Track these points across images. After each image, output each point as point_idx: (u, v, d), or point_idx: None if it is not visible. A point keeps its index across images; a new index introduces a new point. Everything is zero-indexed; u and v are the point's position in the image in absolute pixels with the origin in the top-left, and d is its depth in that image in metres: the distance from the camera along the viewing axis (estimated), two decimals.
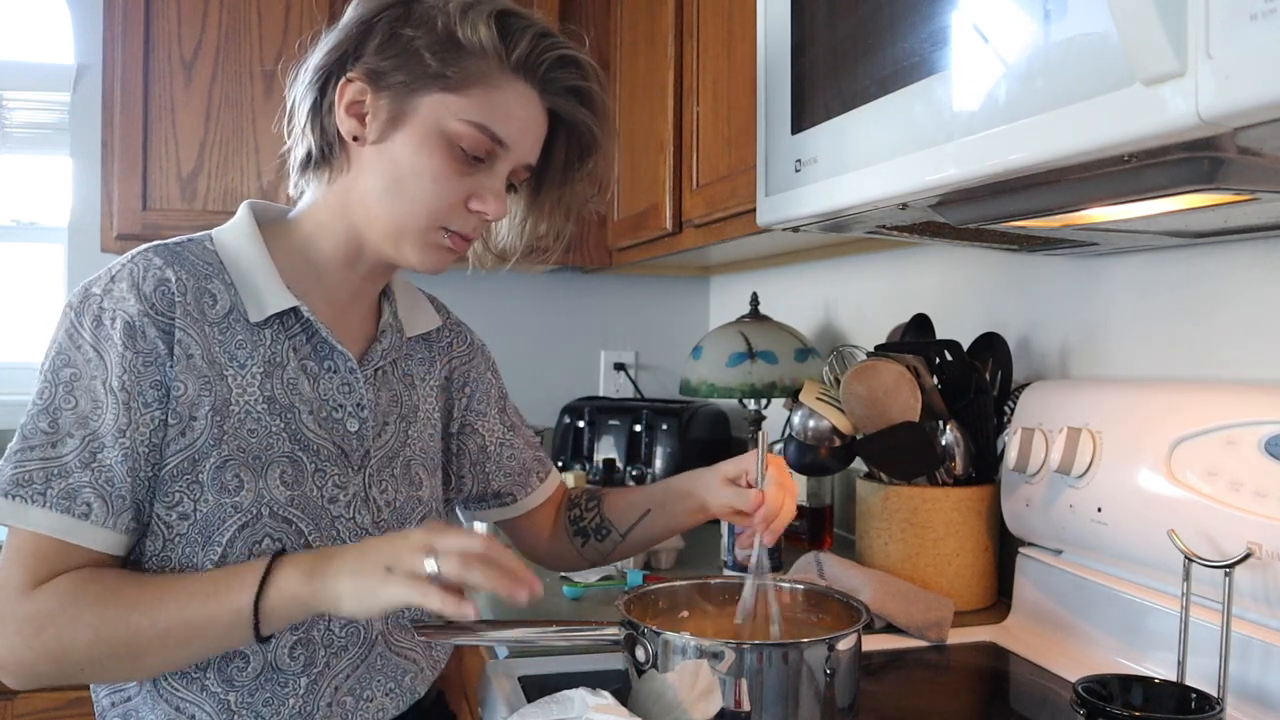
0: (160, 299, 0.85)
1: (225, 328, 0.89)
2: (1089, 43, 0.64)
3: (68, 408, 0.83)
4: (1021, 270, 1.40)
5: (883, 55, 0.88)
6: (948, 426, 1.28)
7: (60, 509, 0.81)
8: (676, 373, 2.55)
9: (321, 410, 0.93)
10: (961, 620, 1.23)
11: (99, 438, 0.82)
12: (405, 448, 1.00)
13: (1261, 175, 0.69)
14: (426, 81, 0.88)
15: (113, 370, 0.83)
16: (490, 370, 1.16)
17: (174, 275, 0.87)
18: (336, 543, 0.91)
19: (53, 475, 0.81)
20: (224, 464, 0.86)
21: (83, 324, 0.85)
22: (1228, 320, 1.07)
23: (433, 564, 0.77)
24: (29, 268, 2.52)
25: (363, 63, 0.89)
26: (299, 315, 0.92)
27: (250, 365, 0.89)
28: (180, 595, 0.81)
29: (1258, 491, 0.90)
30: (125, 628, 0.79)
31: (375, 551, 0.80)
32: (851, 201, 0.93)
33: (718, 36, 1.50)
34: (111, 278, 0.87)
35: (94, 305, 0.85)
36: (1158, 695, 0.83)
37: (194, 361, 0.86)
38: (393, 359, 1.01)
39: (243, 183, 2.06)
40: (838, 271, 1.93)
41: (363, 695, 0.94)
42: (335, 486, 0.92)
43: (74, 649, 0.80)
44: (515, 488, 1.15)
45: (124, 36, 1.98)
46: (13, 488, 0.81)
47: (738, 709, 0.83)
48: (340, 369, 0.94)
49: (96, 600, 0.80)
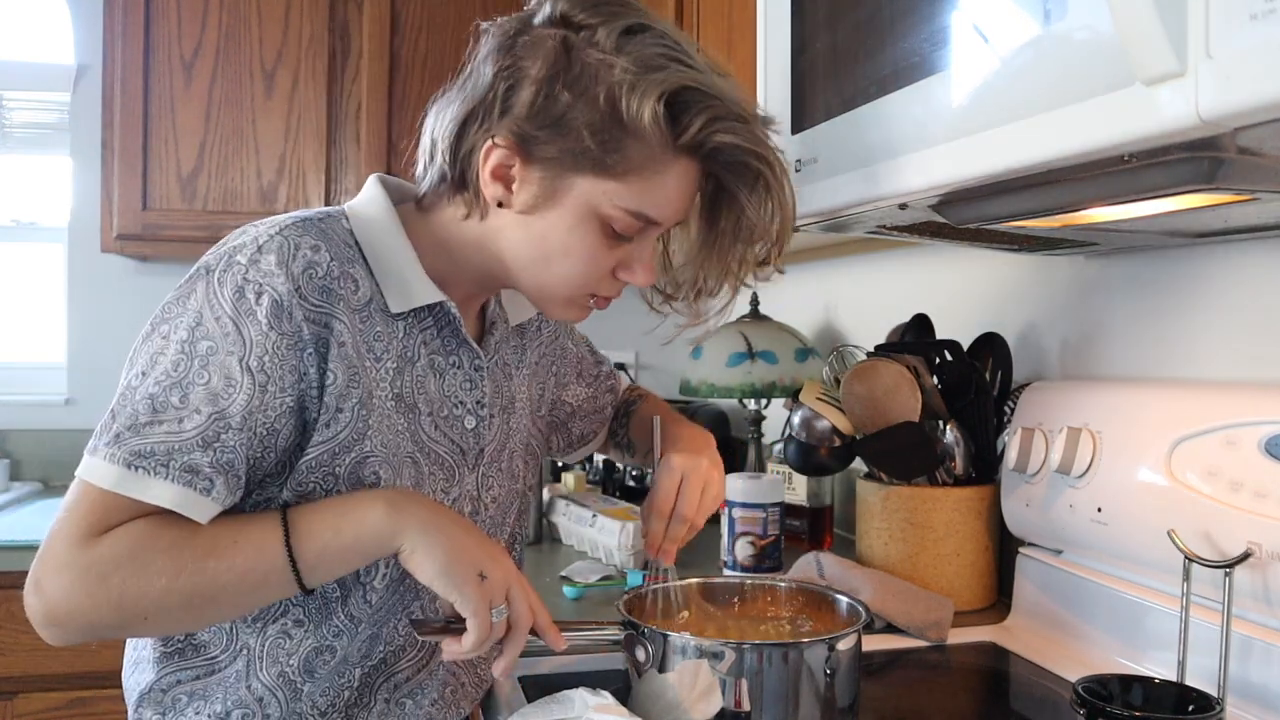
0: (308, 282, 0.80)
1: (366, 316, 0.84)
2: (1089, 43, 0.64)
3: (200, 382, 0.78)
4: (1021, 270, 1.40)
5: (883, 55, 0.88)
6: (948, 426, 1.28)
7: (184, 482, 0.77)
8: (676, 373, 2.54)
9: (443, 409, 0.90)
10: (961, 620, 1.23)
11: (227, 418, 0.78)
12: (509, 440, 0.99)
13: (1261, 175, 0.69)
14: (584, 162, 0.80)
15: (252, 349, 0.78)
16: (569, 339, 1.15)
17: (325, 257, 0.81)
18: None
19: (175, 450, 0.77)
20: (364, 460, 0.83)
21: (222, 293, 0.79)
22: (1228, 320, 1.07)
23: (500, 614, 0.81)
24: (29, 268, 2.52)
25: (509, 123, 0.81)
26: (433, 310, 0.89)
27: (385, 359, 0.85)
28: (255, 536, 0.79)
29: (1258, 491, 0.90)
30: (200, 574, 0.76)
31: (477, 547, 0.82)
32: (851, 201, 0.93)
33: (718, 36, 1.50)
34: (259, 248, 0.80)
35: (237, 275, 0.79)
36: (1158, 695, 0.83)
37: (345, 350, 0.81)
38: (500, 351, 0.99)
39: (243, 183, 2.07)
40: (838, 271, 1.93)
41: (420, 702, 0.94)
42: (442, 492, 0.91)
43: (145, 596, 0.76)
44: (596, 427, 1.21)
45: (124, 36, 1.98)
46: (135, 459, 0.76)
47: (738, 709, 0.83)
48: (465, 365, 0.92)
49: (170, 546, 0.76)
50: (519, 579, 0.84)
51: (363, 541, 0.80)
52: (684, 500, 0.99)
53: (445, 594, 0.80)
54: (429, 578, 0.79)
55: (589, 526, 1.62)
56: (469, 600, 0.79)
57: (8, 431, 2.38)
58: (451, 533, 0.81)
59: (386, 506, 0.80)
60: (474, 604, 0.79)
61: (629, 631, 0.89)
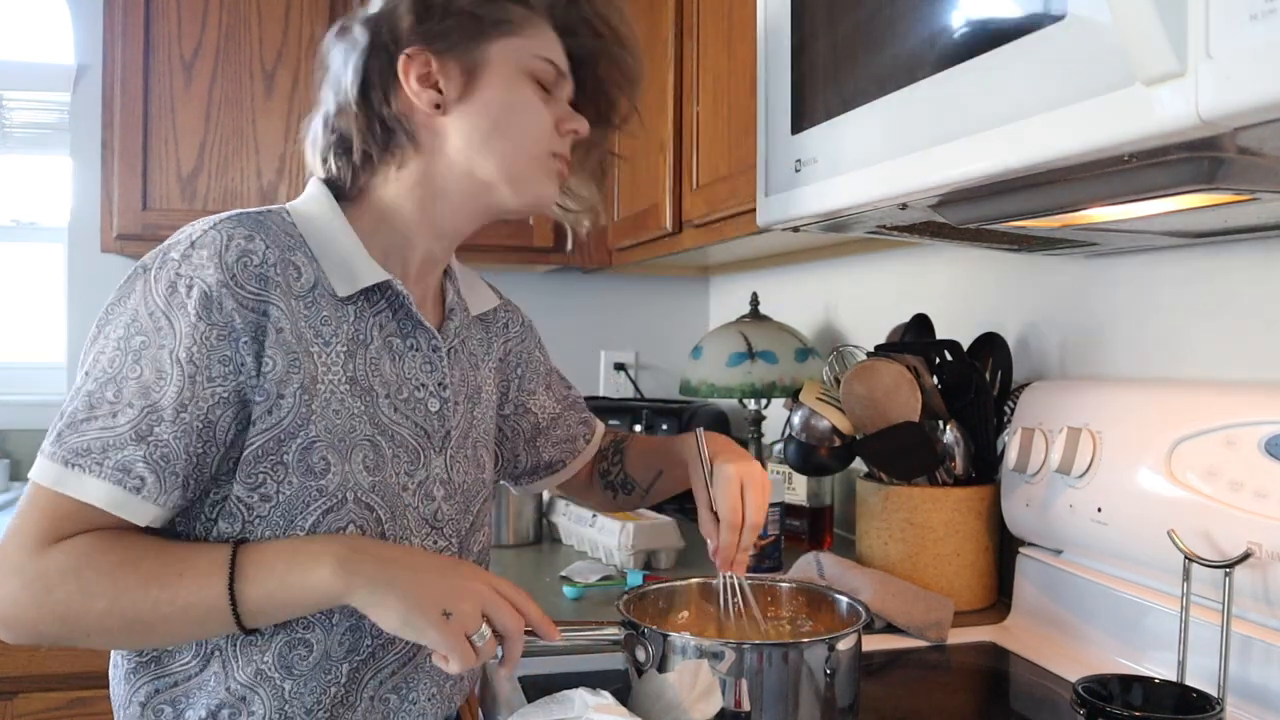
0: (243, 270, 0.81)
1: (310, 302, 0.85)
2: (1089, 43, 0.64)
3: (133, 376, 0.79)
4: (1021, 270, 1.40)
5: (883, 55, 0.88)
6: (948, 426, 1.28)
7: (114, 480, 0.77)
8: (676, 373, 2.55)
9: (402, 391, 0.91)
10: (961, 620, 1.23)
11: (158, 410, 0.78)
12: (473, 428, 1.00)
13: (1261, 175, 0.69)
14: (487, 30, 0.90)
15: (181, 340, 0.79)
16: (539, 348, 1.17)
17: (261, 245, 0.83)
18: (406, 532, 0.90)
19: (109, 445, 0.78)
20: (310, 445, 0.83)
21: (156, 288, 0.80)
22: (1228, 320, 1.07)
23: (482, 638, 0.79)
24: (29, 268, 2.52)
25: (408, 38, 0.89)
26: (384, 291, 0.90)
27: (335, 343, 0.86)
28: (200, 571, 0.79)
29: (1258, 491, 0.90)
30: (142, 600, 0.77)
31: (437, 583, 0.80)
32: (851, 201, 0.93)
33: (718, 36, 1.50)
34: (192, 243, 0.81)
35: (169, 270, 0.80)
36: (1158, 695, 0.83)
37: (284, 336, 0.82)
38: (461, 338, 1.01)
39: (243, 183, 2.06)
40: (838, 271, 1.93)
41: (408, 696, 0.92)
42: (406, 474, 0.91)
43: (86, 615, 0.77)
44: (565, 456, 1.19)
45: (124, 37, 1.98)
46: (73, 456, 0.77)
47: (738, 709, 0.83)
48: (423, 347, 0.93)
49: (115, 568, 0.77)
50: (493, 593, 0.82)
51: (308, 597, 0.79)
52: (750, 508, 1.00)
53: (413, 640, 0.79)
54: (392, 629, 0.79)
55: (589, 526, 1.62)
56: (439, 643, 0.78)
57: (8, 431, 2.38)
58: (404, 580, 0.79)
59: (335, 564, 0.79)
60: (445, 643, 0.78)
61: (629, 631, 0.89)
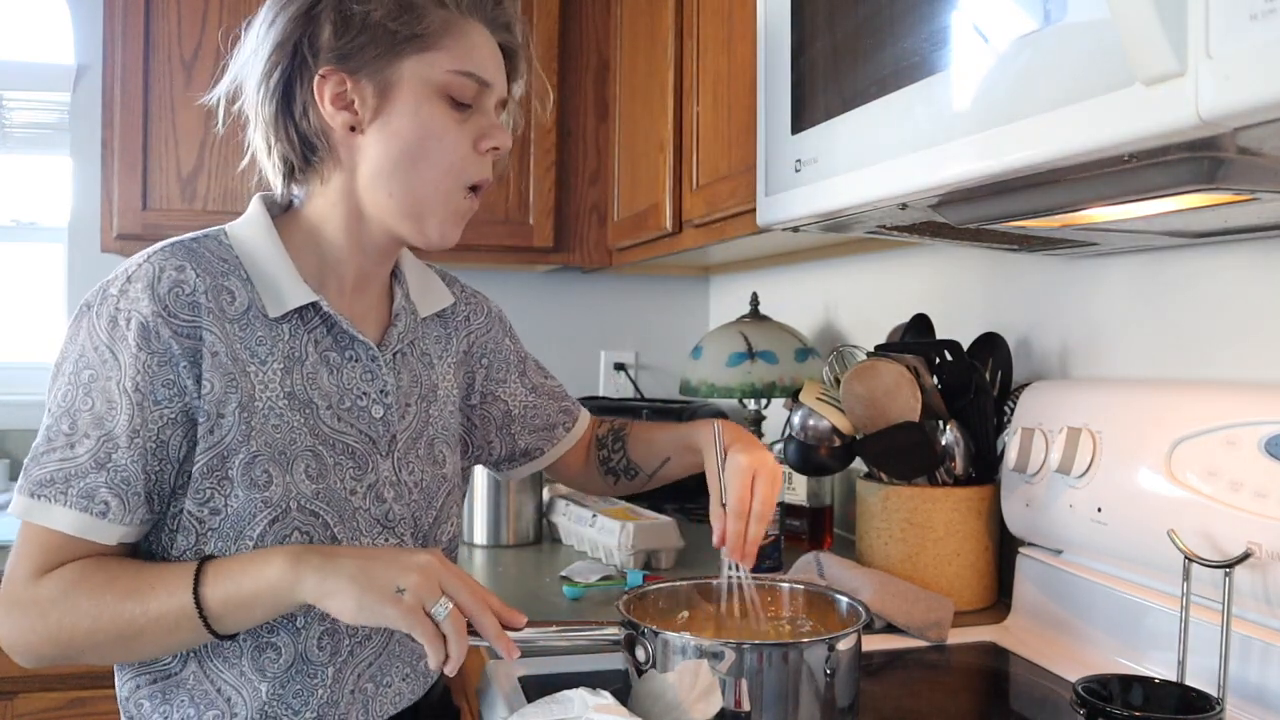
0: (175, 300, 0.85)
1: (245, 324, 0.89)
2: (1089, 43, 0.64)
3: (85, 409, 0.84)
4: (1021, 270, 1.40)
5: (883, 55, 0.88)
6: (948, 426, 1.28)
7: (80, 508, 0.83)
8: (676, 373, 2.55)
9: (344, 401, 0.94)
10: (961, 620, 1.23)
11: (114, 438, 0.84)
12: (428, 427, 1.02)
13: (1261, 175, 0.69)
14: (400, 46, 0.89)
15: (126, 371, 0.84)
16: (508, 336, 1.17)
17: (192, 275, 0.87)
18: (357, 533, 0.93)
19: (72, 475, 0.83)
20: (253, 460, 0.87)
21: (99, 325, 0.86)
22: (1228, 320, 1.07)
23: (444, 609, 0.79)
24: (29, 268, 2.51)
25: (325, 55, 0.89)
26: (317, 309, 0.93)
27: (271, 361, 0.90)
28: (168, 584, 0.83)
29: (1258, 491, 0.90)
30: (120, 615, 0.82)
31: (386, 566, 0.81)
32: (851, 201, 0.93)
33: (718, 36, 1.50)
34: (128, 278, 0.86)
35: (110, 306, 0.86)
36: (1158, 695, 0.83)
37: (219, 359, 0.86)
38: (410, 340, 1.02)
39: (243, 183, 2.06)
40: (838, 271, 1.93)
41: (382, 681, 0.96)
42: (353, 479, 0.93)
43: (75, 634, 0.83)
44: (542, 443, 1.20)
45: (124, 37, 1.98)
46: (38, 488, 0.84)
47: (738, 709, 0.83)
48: (362, 357, 0.95)
49: (96, 589, 0.83)
50: (441, 564, 0.82)
51: (263, 593, 0.82)
52: (760, 499, 0.99)
53: (374, 624, 0.80)
54: (350, 618, 0.80)
55: (589, 526, 1.62)
56: (397, 620, 0.79)
57: (8, 431, 2.38)
58: (352, 567, 0.81)
59: (284, 561, 0.82)
60: (404, 619, 0.78)
61: (629, 631, 0.89)
